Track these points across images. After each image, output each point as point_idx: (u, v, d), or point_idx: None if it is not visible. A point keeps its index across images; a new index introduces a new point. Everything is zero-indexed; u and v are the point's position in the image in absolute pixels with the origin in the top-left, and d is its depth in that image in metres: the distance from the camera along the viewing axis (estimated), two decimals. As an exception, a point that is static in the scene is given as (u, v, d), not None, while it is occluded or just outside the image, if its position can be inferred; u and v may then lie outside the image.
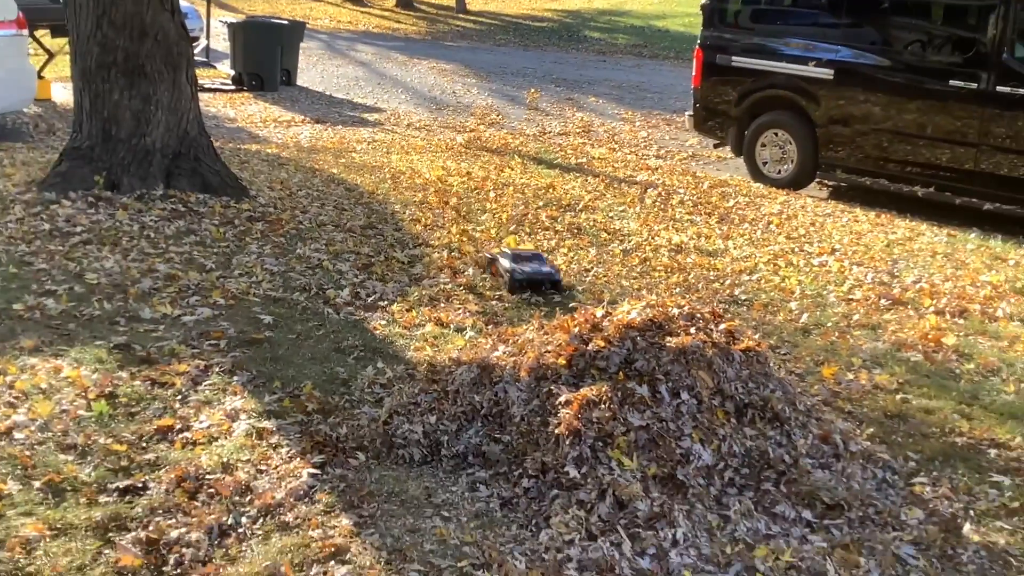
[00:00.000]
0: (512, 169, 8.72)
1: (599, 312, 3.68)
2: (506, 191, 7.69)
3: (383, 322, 4.68)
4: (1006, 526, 3.15)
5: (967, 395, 4.17)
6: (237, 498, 3.00)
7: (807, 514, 3.08)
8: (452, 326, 4.67)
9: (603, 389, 3.30)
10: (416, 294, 5.10)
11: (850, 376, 4.29)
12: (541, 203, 7.36)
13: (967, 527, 3.10)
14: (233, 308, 4.66)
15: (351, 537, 2.81)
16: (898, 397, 4.10)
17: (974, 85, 7.39)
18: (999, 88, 7.24)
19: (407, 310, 4.85)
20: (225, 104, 12.08)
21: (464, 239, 6.15)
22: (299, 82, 14.22)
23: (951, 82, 7.54)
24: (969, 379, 4.36)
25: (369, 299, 4.98)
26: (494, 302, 5.05)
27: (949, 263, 6.29)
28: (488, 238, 6.24)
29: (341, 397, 3.78)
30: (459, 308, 4.93)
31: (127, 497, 2.99)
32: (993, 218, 7.43)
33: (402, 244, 5.97)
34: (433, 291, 5.16)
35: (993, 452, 3.65)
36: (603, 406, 3.25)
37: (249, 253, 5.51)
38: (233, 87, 13.28)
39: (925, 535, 3.04)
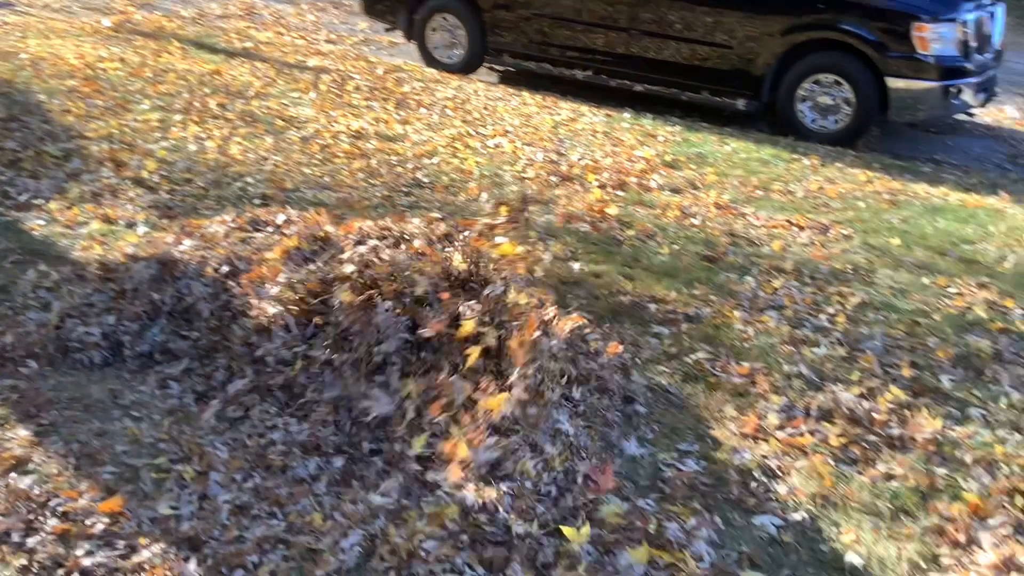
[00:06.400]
0: (171, 54, 8.11)
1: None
2: (167, 78, 7.17)
3: (41, 222, 4.26)
4: (666, 369, 3.55)
5: (629, 258, 4.58)
6: None
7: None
8: (122, 222, 4.35)
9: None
10: (76, 190, 4.67)
11: (528, 247, 4.54)
12: (208, 90, 6.95)
13: (635, 374, 3.46)
14: None
15: (32, 447, 2.60)
16: (571, 264, 4.42)
17: (623, -28, 7.85)
18: (645, -24, 7.76)
19: (67, 208, 4.44)
20: None
21: (125, 129, 5.68)
22: (-100, -46, 12.13)
23: (603, -31, 7.96)
24: (630, 244, 4.78)
25: (21, 198, 4.49)
26: (165, 195, 4.75)
27: (608, 141, 6.77)
28: (151, 128, 5.82)
29: (1, 305, 3.42)
30: (127, 203, 4.59)
31: None
32: (643, 99, 8.06)
33: (53, 137, 5.40)
34: (95, 186, 4.75)
35: (653, 307, 4.05)
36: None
37: None
38: None
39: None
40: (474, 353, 2.88)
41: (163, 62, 7.73)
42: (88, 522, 2.37)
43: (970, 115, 8.10)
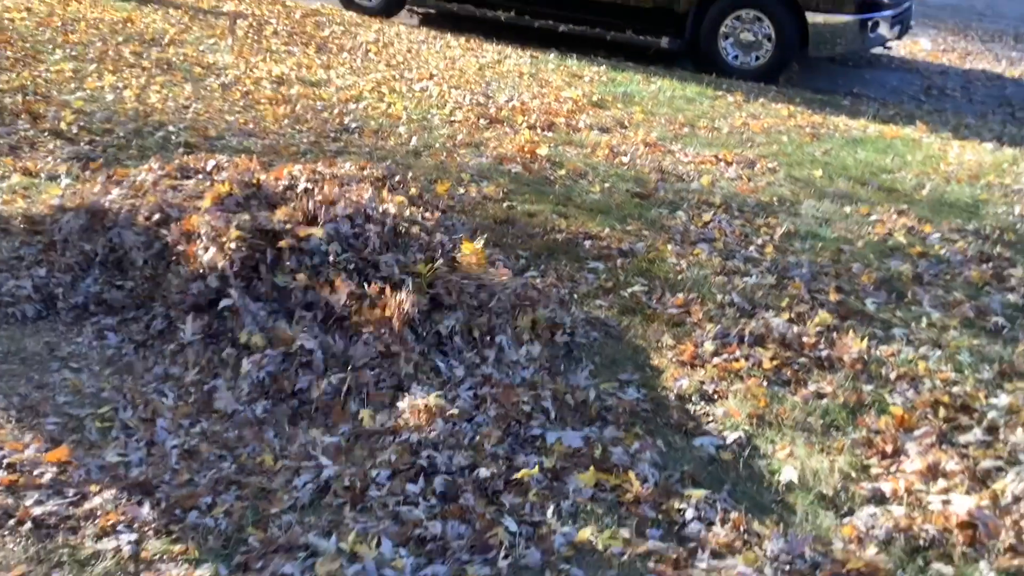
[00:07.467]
0: (80, 2, 7.81)
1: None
2: (78, 27, 6.91)
3: (-44, 177, 4.11)
4: (604, 303, 3.61)
5: (562, 197, 4.62)
6: None
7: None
8: (43, 174, 4.22)
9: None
10: (-9, 144, 4.51)
11: (461, 190, 4.55)
12: (121, 38, 6.73)
13: (574, 308, 3.52)
14: None
15: (-29, 402, 2.56)
16: (505, 205, 4.44)
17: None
18: (566, -86, 7.69)
19: (-16, 162, 4.29)
20: None
21: (39, 80, 5.48)
22: None
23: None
24: (562, 183, 4.82)
25: (-68, 153, 4.33)
26: (86, 146, 4.62)
27: (535, 82, 6.77)
28: (65, 79, 5.63)
29: (-79, 262, 3.31)
30: (47, 155, 4.45)
31: None
32: (568, 39, 8.04)
33: (-38, 90, 5.19)
34: (12, 139, 4.59)
35: (588, 243, 4.11)
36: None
37: None
38: None
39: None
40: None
41: (72, 11, 7.44)
42: (36, 472, 2.35)
43: (887, 48, 8.28)
